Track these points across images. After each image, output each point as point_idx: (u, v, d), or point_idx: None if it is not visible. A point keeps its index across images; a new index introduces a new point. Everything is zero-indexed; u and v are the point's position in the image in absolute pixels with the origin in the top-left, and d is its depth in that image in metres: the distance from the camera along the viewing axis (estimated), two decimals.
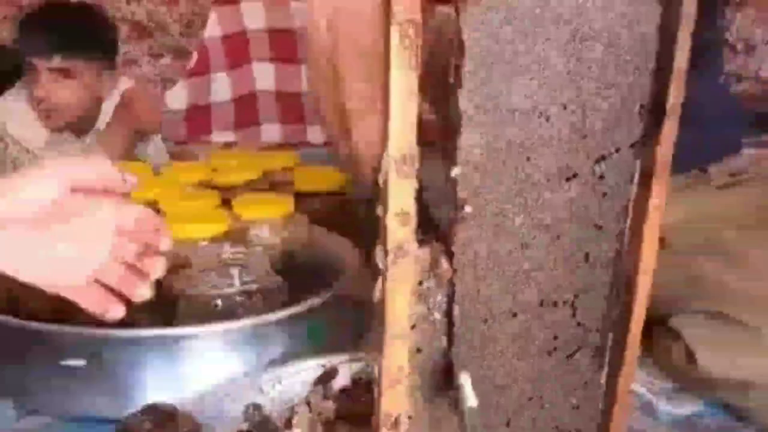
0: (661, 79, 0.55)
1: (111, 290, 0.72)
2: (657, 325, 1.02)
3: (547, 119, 0.54)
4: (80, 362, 0.89)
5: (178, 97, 2.60)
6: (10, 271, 0.68)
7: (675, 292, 1.00)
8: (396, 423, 0.56)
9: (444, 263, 0.54)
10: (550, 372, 0.61)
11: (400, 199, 0.50)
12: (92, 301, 0.72)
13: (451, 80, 0.52)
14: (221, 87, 2.66)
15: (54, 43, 1.68)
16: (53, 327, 0.88)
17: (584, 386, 0.63)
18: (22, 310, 0.91)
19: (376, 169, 0.52)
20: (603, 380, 0.63)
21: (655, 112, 0.56)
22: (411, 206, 0.51)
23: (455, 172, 0.52)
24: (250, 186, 1.38)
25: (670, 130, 0.56)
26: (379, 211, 0.52)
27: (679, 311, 0.99)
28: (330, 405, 0.82)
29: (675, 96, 0.55)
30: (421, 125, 0.51)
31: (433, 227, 0.56)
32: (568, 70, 0.53)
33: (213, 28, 2.63)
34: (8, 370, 0.94)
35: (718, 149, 1.13)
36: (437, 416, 0.59)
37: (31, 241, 0.68)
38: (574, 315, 0.60)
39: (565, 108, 0.54)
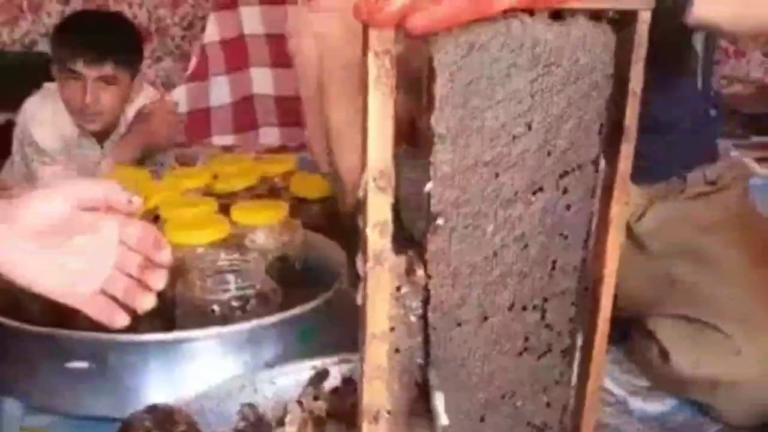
0: (618, 101, 0.59)
1: (116, 300, 0.77)
2: (635, 325, 1.06)
3: (514, 138, 0.57)
4: (84, 365, 0.93)
5: (178, 101, 2.64)
6: (24, 283, 0.73)
7: (652, 295, 1.05)
8: (376, 417, 0.60)
9: (419, 271, 0.58)
10: (521, 371, 0.64)
11: (378, 211, 0.54)
12: (99, 311, 0.77)
13: (425, 102, 0.55)
14: (220, 91, 2.71)
15: (104, 52, 1.77)
16: (59, 332, 0.93)
17: (555, 385, 0.66)
18: (27, 314, 0.95)
19: (356, 185, 0.56)
20: (573, 379, 0.67)
21: (614, 130, 0.60)
22: (388, 218, 0.55)
23: (428, 187, 0.56)
24: (249, 192, 1.42)
25: (627, 147, 0.60)
26: (360, 222, 0.56)
27: (655, 313, 1.03)
28: (321, 404, 0.85)
29: (630, 116, 0.60)
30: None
31: (409, 237, 0.60)
32: (533, 93, 0.57)
33: (212, 33, 2.67)
34: (17, 371, 0.98)
35: (695, 158, 1.16)
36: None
37: (42, 255, 0.72)
38: (543, 318, 0.63)
39: (530, 128, 0.57)
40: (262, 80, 2.74)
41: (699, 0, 0.66)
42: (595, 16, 0.57)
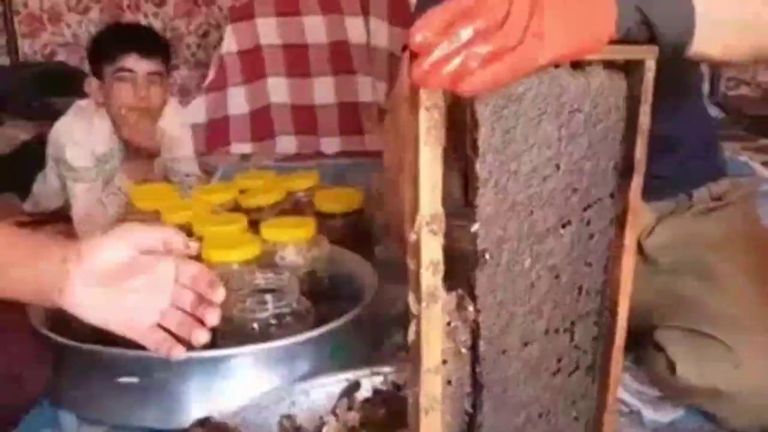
0: (628, 140, 0.65)
1: (172, 334, 0.83)
2: (643, 336, 1.11)
3: (545, 179, 0.63)
4: (133, 380, 0.98)
5: (197, 111, 2.68)
6: (88, 319, 0.80)
7: (660, 308, 1.10)
8: None
9: (469, 306, 0.63)
10: (555, 390, 0.69)
11: (430, 252, 0.59)
12: (156, 343, 0.83)
13: (469, 151, 0.60)
14: (238, 100, 2.74)
15: (154, 47, 1.88)
16: (111, 350, 0.98)
17: (582, 399, 0.71)
18: (81, 332, 0.98)
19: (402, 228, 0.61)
20: (595, 392, 0.72)
21: (625, 164, 0.66)
22: (440, 258, 0.59)
23: (475, 227, 0.61)
24: (275, 207, 1.47)
25: (638, 180, 0.66)
26: (410, 264, 0.60)
27: (663, 325, 1.08)
28: (354, 415, 0.90)
29: (641, 152, 0.65)
30: None
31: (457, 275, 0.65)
32: (560, 138, 0.62)
33: (229, 44, 2.71)
34: (72, 385, 1.04)
35: (702, 175, 1.21)
36: None
37: (104, 294, 0.79)
38: (572, 339, 0.69)
39: (558, 169, 0.63)
40: (278, 90, 2.78)
41: (698, 39, 0.71)
42: (608, 65, 0.63)
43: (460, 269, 0.63)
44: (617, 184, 0.66)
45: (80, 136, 1.85)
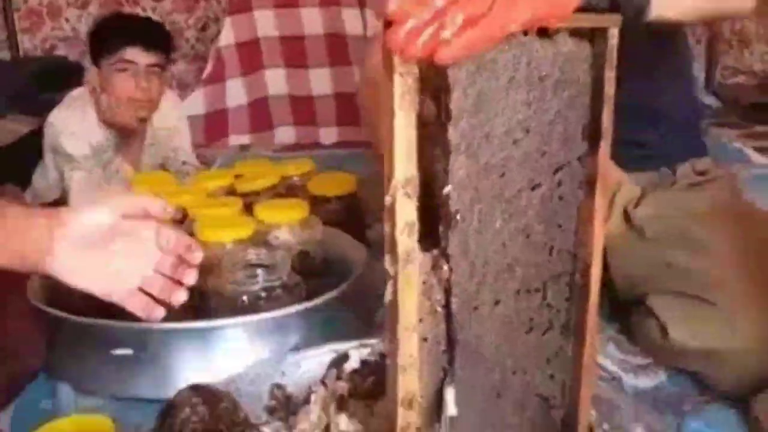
0: (596, 106, 0.67)
1: (153, 297, 0.86)
2: (635, 305, 1.14)
3: (515, 142, 0.65)
4: (128, 351, 1.02)
5: (196, 104, 2.71)
6: (71, 281, 0.82)
7: (650, 277, 1.13)
8: (410, 403, 0.66)
9: (444, 266, 0.65)
10: (529, 348, 0.72)
11: (406, 214, 0.61)
12: (138, 307, 0.87)
13: (443, 116, 0.62)
14: (237, 92, 2.77)
15: (155, 39, 1.89)
16: (105, 322, 1.01)
17: (556, 357, 0.73)
18: (76, 305, 1.03)
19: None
20: (571, 352, 0.74)
21: (594, 132, 0.68)
22: (414, 220, 0.61)
23: (447, 189, 0.63)
24: (270, 191, 1.50)
25: (605, 146, 0.68)
26: (386, 226, 0.62)
27: (653, 293, 1.11)
28: (342, 384, 0.91)
29: (607, 119, 0.67)
30: None
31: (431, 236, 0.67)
32: (529, 102, 0.65)
33: (227, 37, 2.74)
34: (68, 358, 1.07)
35: (684, 152, 1.24)
36: None
37: (87, 257, 0.82)
38: (545, 299, 0.71)
39: (528, 133, 0.65)
40: (276, 81, 2.80)
41: (655, 3, 0.75)
42: (574, 33, 0.65)
43: (436, 229, 0.65)
44: (587, 149, 0.68)
45: (75, 126, 1.87)
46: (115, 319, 0.99)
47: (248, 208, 1.35)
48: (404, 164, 0.60)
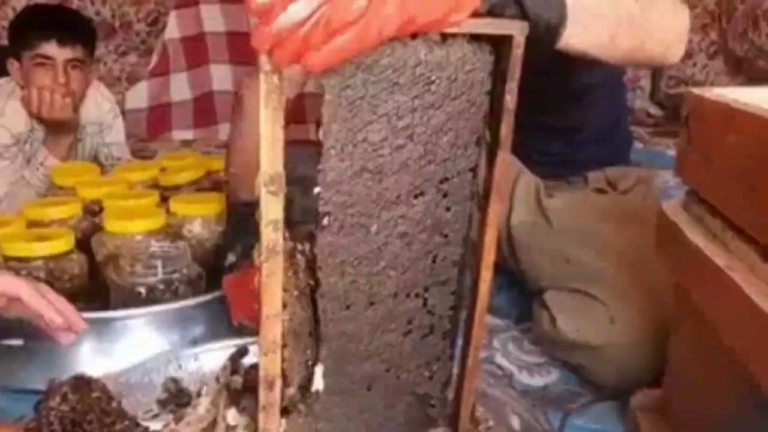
0: (496, 116, 0.66)
1: None
2: (537, 300, 1.18)
3: (397, 149, 0.64)
4: (19, 342, 1.00)
5: (139, 96, 2.69)
6: None
7: (551, 269, 1.18)
8: (271, 385, 0.67)
9: (299, 255, 0.66)
10: (405, 348, 0.72)
11: (271, 211, 0.61)
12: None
13: (318, 117, 0.63)
14: (181, 87, 2.77)
15: (75, 34, 1.84)
16: None
17: (436, 361, 0.74)
18: None
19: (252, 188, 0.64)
20: (456, 354, 0.75)
21: (492, 142, 0.68)
22: (280, 217, 0.62)
23: (316, 190, 0.64)
24: (193, 185, 1.49)
25: (502, 157, 0.68)
26: (257, 217, 0.63)
27: (552, 287, 1.16)
28: (237, 378, 0.92)
29: (505, 131, 0.67)
30: None
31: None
32: (414, 108, 0.64)
33: (172, 30, 2.73)
34: None
35: (596, 161, 1.29)
36: None
37: None
38: (425, 304, 0.71)
39: (411, 139, 0.65)
40: (221, 77, 2.80)
41: (568, 32, 0.74)
42: (475, 38, 0.63)
43: None
44: (485, 160, 0.68)
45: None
46: None
47: (166, 202, 1.34)
48: (270, 162, 0.60)
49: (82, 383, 0.79)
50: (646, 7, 0.85)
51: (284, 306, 0.66)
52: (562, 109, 1.22)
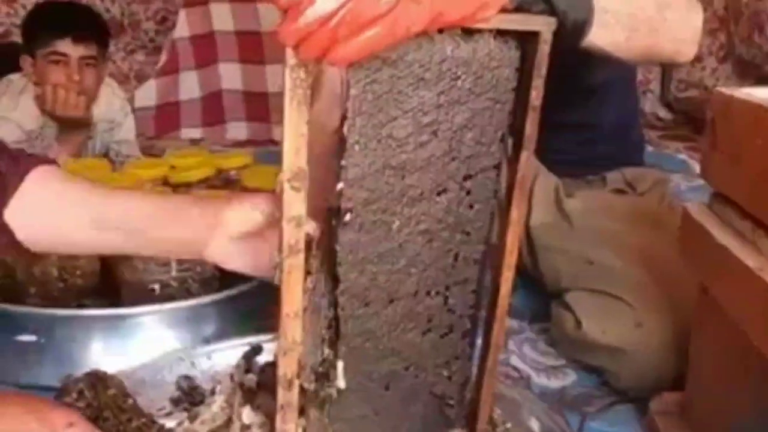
0: (520, 114, 0.65)
1: None
2: (555, 302, 1.17)
3: (421, 145, 0.63)
4: (33, 338, 0.99)
5: (148, 95, 2.68)
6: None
7: (572, 271, 1.16)
8: (290, 385, 0.66)
9: (315, 250, 0.65)
10: (424, 348, 0.71)
11: (293, 206, 0.60)
12: None
13: (343, 111, 0.61)
14: (190, 85, 2.75)
15: (89, 32, 1.84)
16: (11, 307, 0.99)
17: (456, 360, 0.73)
18: None
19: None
20: (476, 355, 0.74)
21: (516, 140, 0.66)
22: (302, 213, 0.61)
23: (339, 186, 0.62)
24: (204, 183, 1.48)
25: (527, 155, 0.66)
26: (277, 214, 0.62)
27: (574, 289, 1.14)
28: (252, 377, 0.91)
29: (530, 129, 0.65)
30: None
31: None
32: (439, 104, 0.62)
33: (182, 29, 2.72)
34: None
35: (614, 161, 1.28)
36: None
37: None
38: (446, 303, 0.70)
39: (436, 136, 0.63)
40: (230, 76, 2.79)
41: (594, 30, 0.73)
42: (502, 34, 0.62)
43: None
44: (507, 157, 0.66)
45: (5, 111, 1.83)
46: (20, 303, 0.97)
47: None
48: (292, 157, 0.59)
49: (98, 380, 0.78)
50: (663, 5, 0.85)
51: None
52: (575, 105, 1.21)
